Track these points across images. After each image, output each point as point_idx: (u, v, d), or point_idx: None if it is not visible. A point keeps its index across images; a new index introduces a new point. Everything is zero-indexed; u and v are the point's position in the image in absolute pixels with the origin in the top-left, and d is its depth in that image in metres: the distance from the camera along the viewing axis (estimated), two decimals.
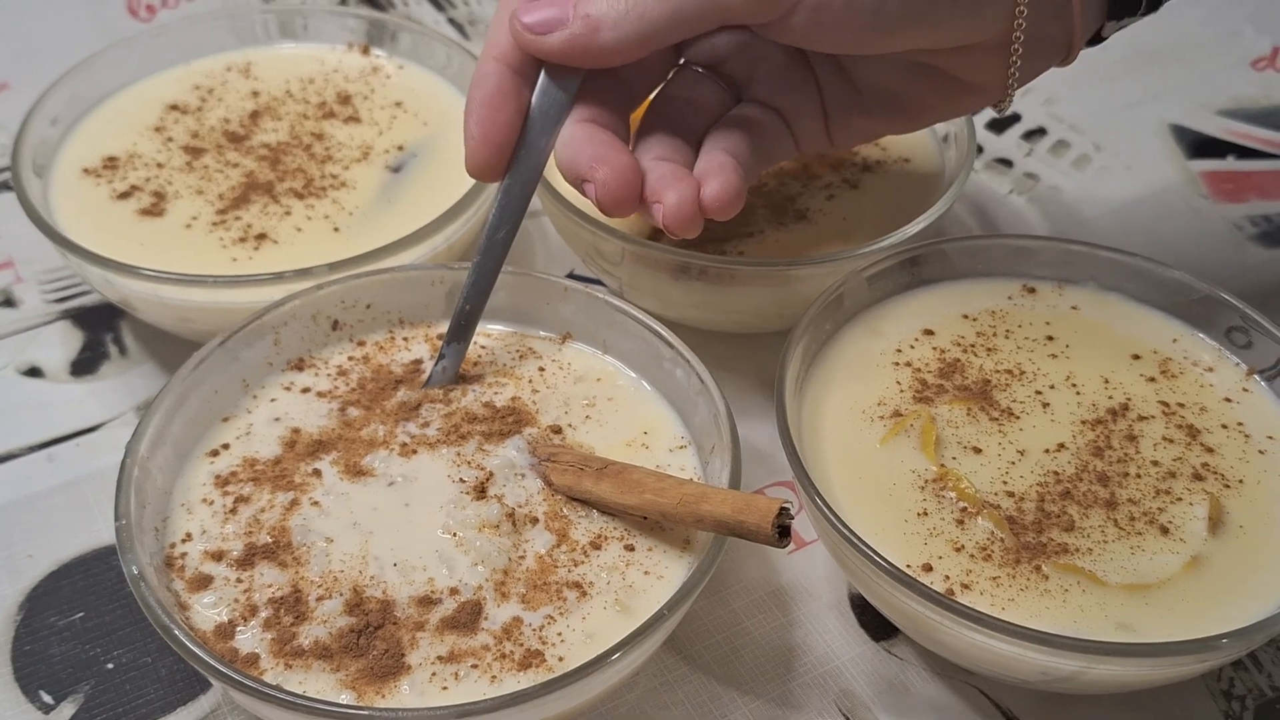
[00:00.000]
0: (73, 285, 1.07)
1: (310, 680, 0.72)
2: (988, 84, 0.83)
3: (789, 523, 0.71)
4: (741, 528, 0.72)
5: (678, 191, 0.79)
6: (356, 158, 1.06)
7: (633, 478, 0.78)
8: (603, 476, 0.79)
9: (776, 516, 0.71)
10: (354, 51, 1.17)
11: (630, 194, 0.79)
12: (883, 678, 0.83)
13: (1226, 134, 1.24)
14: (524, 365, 0.89)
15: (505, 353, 0.90)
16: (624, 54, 0.78)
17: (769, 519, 0.71)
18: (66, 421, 0.97)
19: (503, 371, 0.89)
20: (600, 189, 0.78)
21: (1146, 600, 0.75)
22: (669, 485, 0.77)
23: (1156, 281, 0.92)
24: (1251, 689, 0.83)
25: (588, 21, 0.77)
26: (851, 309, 0.91)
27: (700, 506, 0.74)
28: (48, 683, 0.82)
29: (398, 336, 0.91)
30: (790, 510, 0.72)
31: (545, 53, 0.79)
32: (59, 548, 0.89)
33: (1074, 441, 0.83)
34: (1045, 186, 1.18)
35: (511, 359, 0.90)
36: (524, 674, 0.72)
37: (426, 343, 0.91)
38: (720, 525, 0.73)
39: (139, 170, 1.04)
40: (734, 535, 0.73)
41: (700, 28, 0.78)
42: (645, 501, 0.77)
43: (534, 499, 0.80)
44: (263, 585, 0.76)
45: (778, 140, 0.87)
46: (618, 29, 0.77)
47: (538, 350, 0.91)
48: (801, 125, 0.87)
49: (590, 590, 0.77)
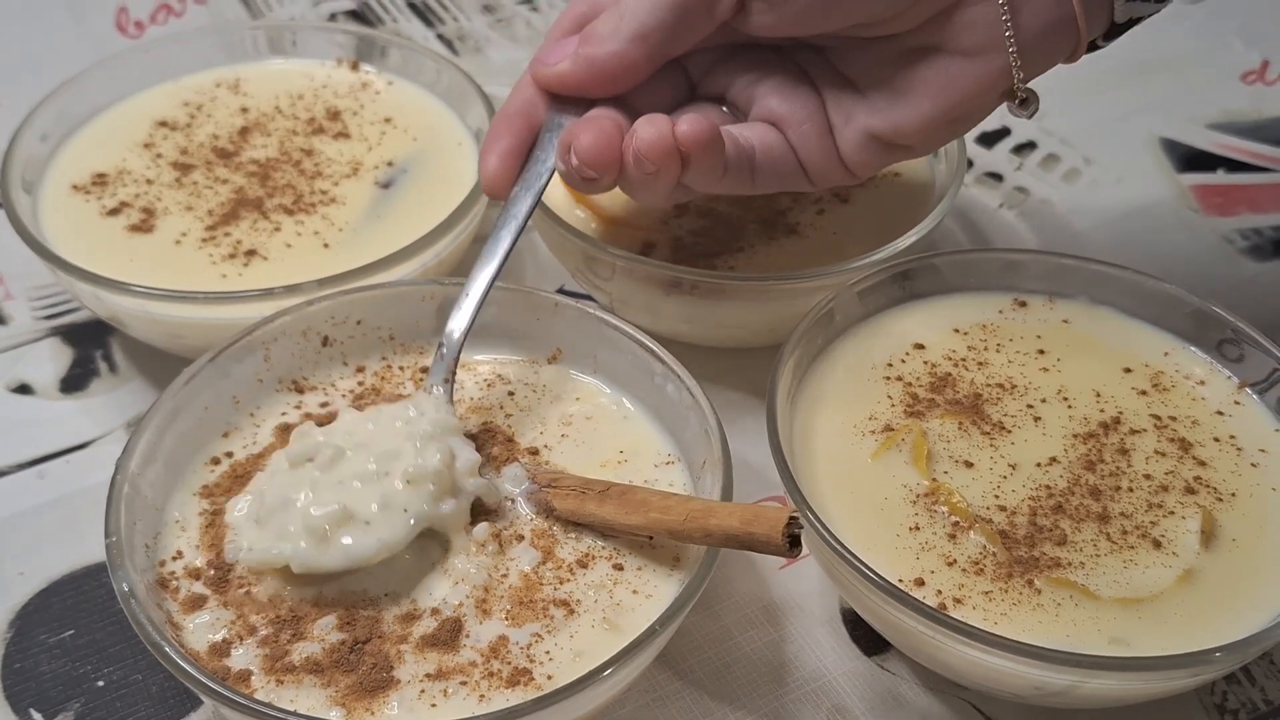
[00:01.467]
0: (62, 302, 1.07)
1: (302, 696, 0.72)
2: (984, 48, 0.80)
3: (799, 531, 0.71)
4: (752, 539, 0.72)
5: (654, 125, 0.79)
6: (346, 173, 1.06)
7: (637, 498, 0.78)
8: (606, 499, 0.79)
9: (786, 526, 0.70)
10: (343, 67, 1.17)
11: (611, 151, 0.81)
12: (875, 692, 0.83)
13: (1216, 147, 1.24)
14: (493, 391, 0.89)
15: (473, 383, 0.90)
16: (625, 62, 0.81)
17: (779, 529, 0.70)
18: (57, 438, 0.97)
19: (475, 401, 0.89)
20: (581, 150, 0.80)
21: (1139, 614, 0.75)
22: (674, 503, 0.76)
23: (1148, 295, 0.92)
24: (1245, 703, 0.83)
25: (588, 37, 0.81)
26: (842, 324, 0.91)
27: (708, 521, 0.73)
28: (38, 700, 0.81)
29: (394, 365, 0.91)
30: (800, 520, 0.71)
31: (557, 77, 0.83)
32: (49, 565, 0.89)
33: (1066, 455, 0.83)
34: (1036, 200, 1.18)
35: (479, 388, 0.90)
36: (512, 691, 0.72)
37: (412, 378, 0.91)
38: (730, 539, 0.73)
39: (128, 186, 1.04)
40: (744, 548, 0.73)
41: (690, 21, 0.81)
42: (651, 520, 0.76)
43: (520, 519, 0.80)
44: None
45: (779, 154, 0.86)
46: (615, 36, 0.81)
47: (506, 376, 0.91)
48: (798, 132, 0.85)
49: (578, 608, 0.76)
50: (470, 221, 0.99)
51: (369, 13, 1.40)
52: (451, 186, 1.02)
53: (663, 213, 1.00)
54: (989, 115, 0.85)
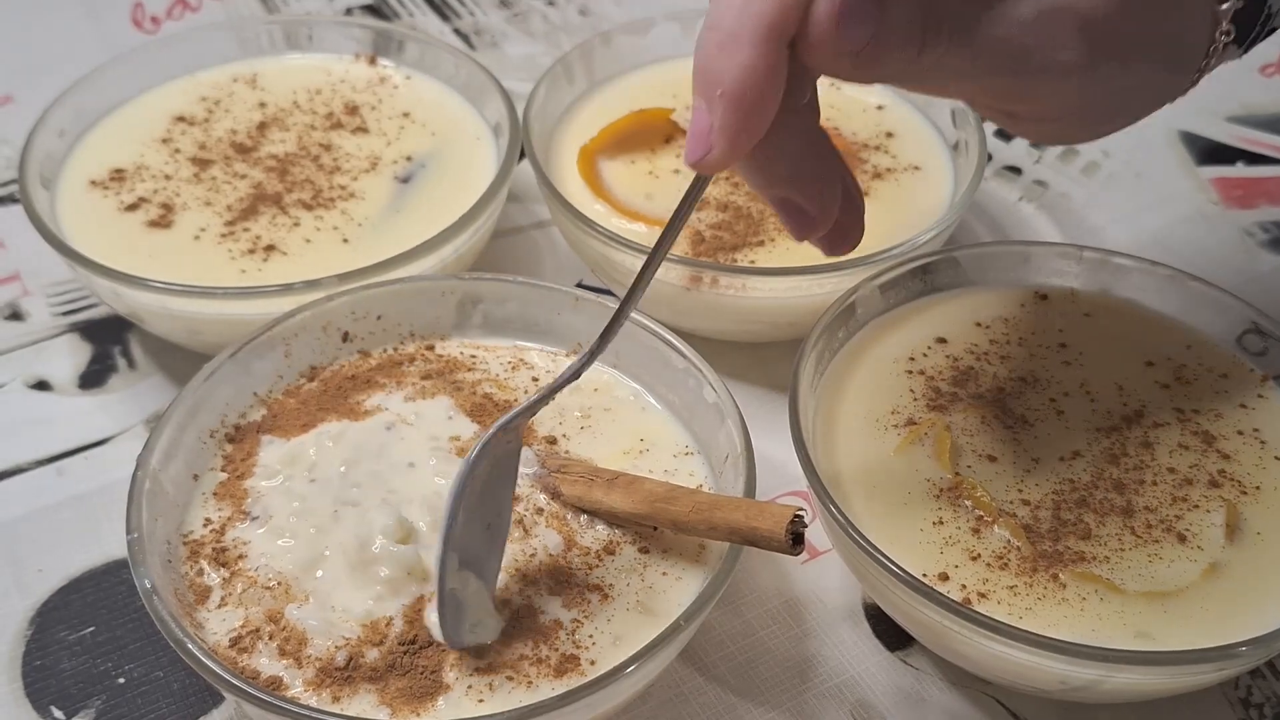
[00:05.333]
0: (80, 298, 1.07)
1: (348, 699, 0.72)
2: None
3: (802, 529, 0.71)
4: (755, 534, 0.72)
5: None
6: (365, 168, 1.05)
7: (644, 488, 0.78)
8: (613, 487, 0.79)
9: (790, 523, 0.71)
10: (361, 62, 1.17)
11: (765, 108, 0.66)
12: (899, 688, 0.82)
13: (1236, 140, 1.24)
14: (516, 376, 0.89)
15: (498, 364, 0.90)
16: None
17: (782, 525, 0.71)
18: (75, 435, 0.97)
19: (497, 383, 0.88)
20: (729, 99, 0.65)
21: (1165, 608, 0.75)
22: (680, 495, 0.76)
23: (1169, 287, 0.91)
24: (1270, 697, 0.82)
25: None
26: (864, 317, 0.90)
27: (713, 514, 0.74)
28: (59, 698, 0.81)
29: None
30: (804, 517, 0.71)
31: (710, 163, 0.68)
32: (69, 562, 0.89)
33: (1089, 449, 0.83)
34: (1055, 193, 1.18)
35: (504, 370, 0.90)
36: (560, 680, 0.72)
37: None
38: (733, 533, 0.73)
39: (146, 182, 1.04)
40: (747, 543, 0.73)
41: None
42: (656, 510, 0.77)
43: (532, 505, 0.81)
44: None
45: None
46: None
47: (530, 361, 0.90)
48: None
49: (611, 592, 0.77)
50: (489, 216, 0.99)
51: (385, 7, 1.40)
52: (470, 181, 1.02)
53: None
54: None
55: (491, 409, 0.86)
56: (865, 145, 1.07)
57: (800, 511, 0.71)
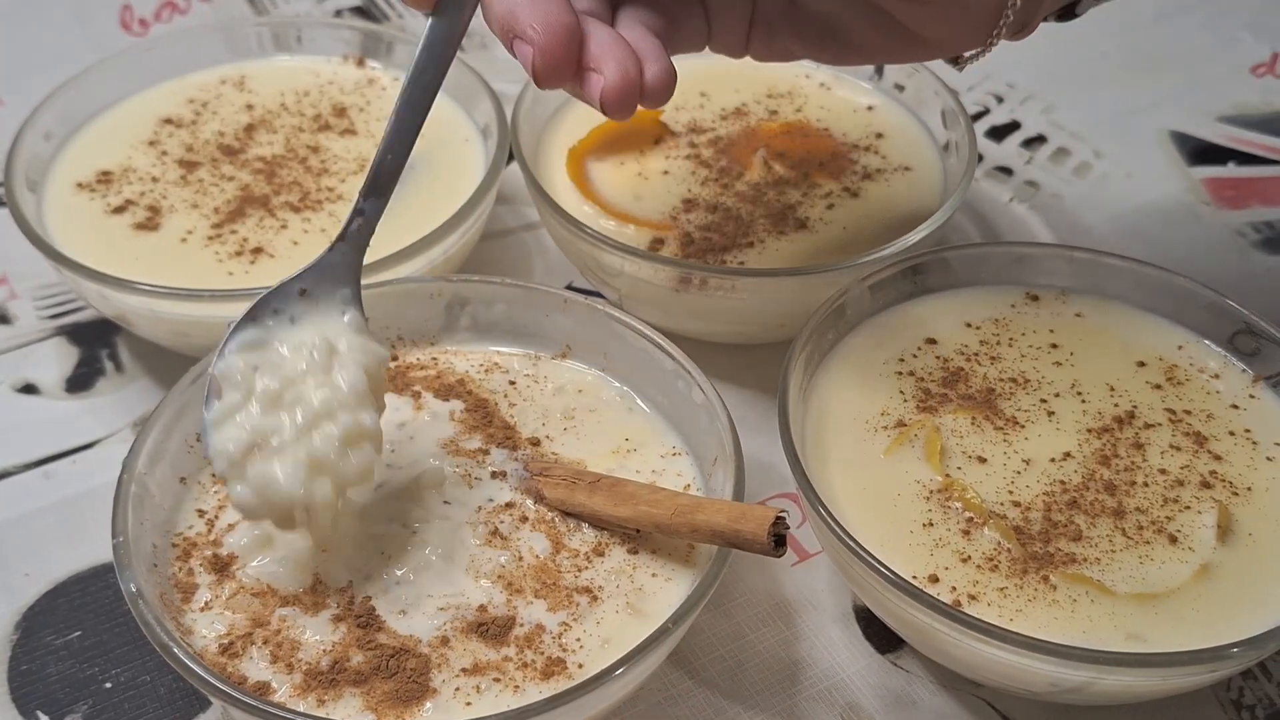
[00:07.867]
0: (67, 301, 1.06)
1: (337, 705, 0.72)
2: (942, 40, 0.79)
3: (785, 532, 0.71)
4: (738, 537, 0.72)
5: (620, 65, 0.71)
6: (353, 170, 1.05)
7: (626, 490, 0.78)
8: (596, 490, 0.79)
9: (773, 525, 0.70)
10: (349, 64, 1.16)
11: (567, 58, 0.71)
12: (889, 690, 0.82)
13: (1227, 140, 1.24)
14: (492, 379, 0.89)
15: (475, 369, 0.90)
16: None
17: (765, 528, 0.71)
18: (62, 439, 0.96)
19: (476, 386, 0.88)
20: (537, 51, 0.71)
21: (1156, 610, 0.75)
22: (663, 497, 0.76)
23: (1161, 288, 0.91)
24: (1261, 698, 0.82)
25: None
26: (854, 318, 0.90)
27: (695, 517, 0.74)
28: (45, 703, 0.81)
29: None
30: (786, 519, 0.71)
31: None
32: (55, 566, 0.88)
33: (1080, 450, 0.83)
34: (1046, 194, 1.18)
35: (479, 373, 0.89)
36: (546, 684, 0.72)
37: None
38: (716, 535, 0.73)
39: (133, 184, 1.03)
40: (730, 545, 0.73)
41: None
42: (639, 513, 0.76)
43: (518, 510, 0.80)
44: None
45: (691, 28, 0.80)
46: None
47: (504, 365, 0.90)
48: (722, 20, 0.81)
49: (600, 595, 0.76)
50: (478, 218, 0.98)
51: (374, 9, 1.40)
52: (459, 183, 1.02)
53: (671, 208, 0.99)
54: None
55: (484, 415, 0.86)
56: (855, 146, 1.07)
57: (782, 514, 0.71)
